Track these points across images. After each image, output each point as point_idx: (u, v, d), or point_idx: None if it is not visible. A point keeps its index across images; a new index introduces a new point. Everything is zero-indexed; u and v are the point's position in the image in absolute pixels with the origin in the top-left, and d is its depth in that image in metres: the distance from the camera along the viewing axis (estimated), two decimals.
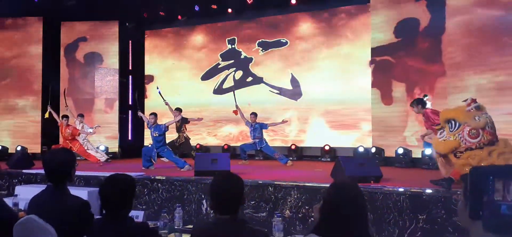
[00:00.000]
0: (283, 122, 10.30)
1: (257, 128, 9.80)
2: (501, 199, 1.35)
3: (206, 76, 13.30)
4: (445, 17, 8.95)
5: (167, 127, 8.67)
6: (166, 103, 9.97)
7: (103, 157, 10.17)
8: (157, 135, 8.45)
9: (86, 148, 9.99)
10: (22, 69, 12.88)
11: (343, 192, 2.10)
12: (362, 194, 2.14)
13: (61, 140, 10.03)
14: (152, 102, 13.22)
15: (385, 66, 10.16)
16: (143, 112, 10.57)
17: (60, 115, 10.41)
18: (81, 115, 10.60)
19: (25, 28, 12.94)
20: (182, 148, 9.88)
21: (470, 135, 5.18)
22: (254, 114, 10.01)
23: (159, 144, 8.44)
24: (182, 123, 9.91)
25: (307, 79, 11.95)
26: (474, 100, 5.44)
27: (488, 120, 5.27)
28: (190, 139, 10.32)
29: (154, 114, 8.65)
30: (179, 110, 9.63)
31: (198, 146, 12.02)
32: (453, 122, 5.34)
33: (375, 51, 10.34)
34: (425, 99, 7.03)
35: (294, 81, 12.15)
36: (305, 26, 12.09)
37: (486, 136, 5.14)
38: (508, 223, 1.41)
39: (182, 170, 7.88)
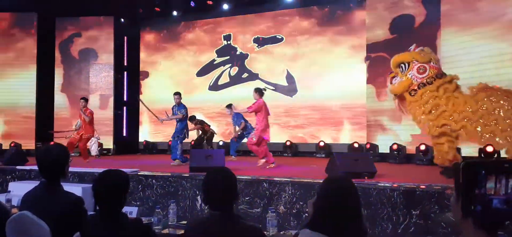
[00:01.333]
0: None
1: (234, 119, 9.55)
2: (493, 193, 1.36)
3: (202, 73, 13.28)
4: (440, 12, 8.98)
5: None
6: (150, 110, 9.75)
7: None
8: (181, 116, 8.49)
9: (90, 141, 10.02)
10: (16, 65, 12.80)
11: (337, 187, 2.11)
12: (356, 189, 2.14)
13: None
14: (146, 97, 13.17)
15: (380, 63, 10.17)
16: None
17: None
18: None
19: (19, 24, 12.85)
20: (208, 142, 9.98)
21: (419, 71, 5.89)
22: (228, 106, 9.45)
23: (180, 129, 8.53)
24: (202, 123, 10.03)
25: (302, 76, 11.96)
26: (418, 46, 6.25)
27: (432, 55, 6.06)
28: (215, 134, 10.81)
29: (179, 94, 8.71)
30: (193, 119, 9.70)
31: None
32: (403, 65, 6.04)
33: (370, 48, 10.36)
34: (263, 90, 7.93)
35: (289, 77, 12.15)
36: (301, 22, 12.09)
37: (432, 70, 5.85)
38: (499, 217, 1.42)
39: (172, 162, 8.14)
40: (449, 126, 5.72)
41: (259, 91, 7.86)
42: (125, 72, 14.01)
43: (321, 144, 11.04)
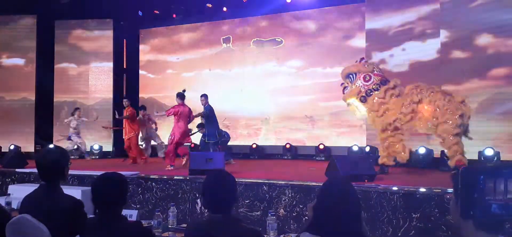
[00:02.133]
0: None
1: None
2: (492, 198, 1.36)
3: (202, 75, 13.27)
4: (439, 17, 8.99)
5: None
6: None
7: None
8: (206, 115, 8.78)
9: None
10: (16, 68, 12.82)
11: (337, 190, 2.11)
12: (356, 192, 2.14)
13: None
14: (145, 100, 13.17)
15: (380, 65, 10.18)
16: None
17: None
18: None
19: (19, 27, 12.86)
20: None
21: (364, 79, 6.75)
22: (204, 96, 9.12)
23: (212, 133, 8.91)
24: None
25: (301, 78, 11.96)
26: (363, 58, 7.19)
27: (374, 65, 7.16)
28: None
29: (205, 96, 8.98)
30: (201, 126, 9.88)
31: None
32: (351, 75, 6.93)
33: (370, 50, 10.38)
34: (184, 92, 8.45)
35: (288, 80, 12.16)
36: (300, 25, 12.09)
37: (376, 77, 6.74)
38: (498, 221, 1.42)
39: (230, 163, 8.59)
40: (399, 128, 6.60)
41: (180, 96, 8.31)
42: (125, 75, 14.01)
43: (321, 146, 11.04)
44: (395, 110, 6.52)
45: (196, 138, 10.42)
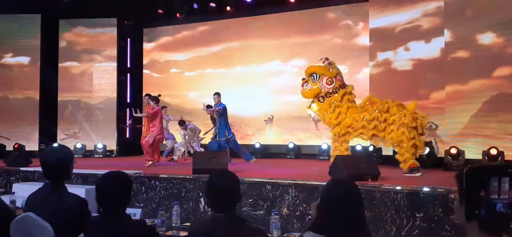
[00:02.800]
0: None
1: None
2: (497, 197, 1.36)
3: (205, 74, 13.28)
4: (444, 15, 8.97)
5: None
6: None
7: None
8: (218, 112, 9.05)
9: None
10: (20, 67, 12.87)
11: (340, 190, 2.11)
12: (359, 191, 2.14)
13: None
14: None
15: (384, 65, 10.17)
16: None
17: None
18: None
19: (23, 26, 12.90)
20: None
21: (327, 82, 7.30)
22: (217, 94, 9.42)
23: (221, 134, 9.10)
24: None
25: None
26: (327, 59, 7.59)
27: (338, 70, 7.51)
28: None
29: (218, 94, 9.31)
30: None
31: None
32: (314, 75, 7.40)
33: (373, 49, 10.36)
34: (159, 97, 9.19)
35: (292, 78, 12.14)
36: (303, 23, 12.05)
37: (338, 82, 7.32)
38: (503, 221, 1.42)
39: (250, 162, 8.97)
40: (350, 132, 7.22)
41: (155, 99, 9.06)
42: (128, 74, 14.04)
43: (324, 146, 11.01)
44: (350, 117, 7.15)
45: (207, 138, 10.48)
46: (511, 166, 1.37)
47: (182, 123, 10.26)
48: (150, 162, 8.85)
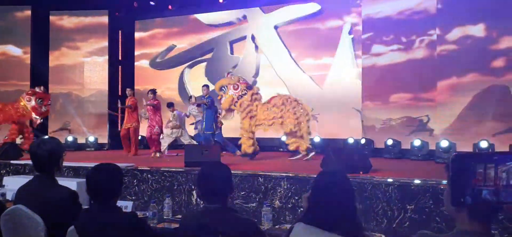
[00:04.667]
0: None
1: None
2: (482, 184, 1.37)
3: (194, 65, 13.22)
4: (438, 17, 8.99)
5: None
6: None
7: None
8: (207, 104, 8.97)
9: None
10: (11, 59, 12.74)
11: (331, 181, 2.12)
12: (350, 183, 2.15)
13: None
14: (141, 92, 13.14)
15: (376, 59, 10.20)
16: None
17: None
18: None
19: (14, 18, 12.77)
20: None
21: (234, 88, 8.40)
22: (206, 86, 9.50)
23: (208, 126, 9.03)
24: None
25: (297, 71, 11.94)
26: (229, 72, 9.09)
27: (238, 77, 8.74)
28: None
29: (207, 86, 9.42)
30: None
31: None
32: (223, 87, 8.49)
33: (365, 44, 10.38)
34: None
35: (283, 70, 12.15)
36: (295, 15, 12.02)
37: (243, 85, 8.44)
38: (490, 208, 1.43)
39: (235, 154, 8.90)
40: (260, 126, 8.36)
41: (154, 92, 9.61)
42: (120, 67, 13.94)
43: (317, 139, 11.03)
44: (259, 115, 8.28)
45: (191, 130, 10.42)
46: (497, 153, 1.38)
47: (170, 105, 10.11)
48: (159, 154, 9.25)
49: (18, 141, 9.86)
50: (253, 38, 12.52)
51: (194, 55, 13.22)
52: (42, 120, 10.42)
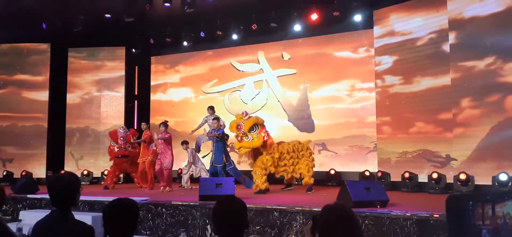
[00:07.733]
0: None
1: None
2: (481, 223, 1.35)
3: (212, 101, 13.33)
4: (448, 34, 8.98)
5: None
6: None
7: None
8: (218, 136, 9.05)
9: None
10: (29, 94, 13.02)
11: (336, 216, 2.09)
12: (355, 217, 2.12)
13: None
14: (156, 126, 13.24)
15: (390, 88, 10.17)
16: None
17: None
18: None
19: (33, 54, 13.12)
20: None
21: (262, 127, 8.66)
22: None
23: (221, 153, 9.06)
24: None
25: (312, 105, 11.94)
26: (246, 112, 8.91)
27: (256, 117, 8.88)
28: None
29: (217, 118, 9.59)
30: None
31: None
32: (255, 126, 8.56)
33: (380, 74, 10.38)
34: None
35: (299, 105, 12.16)
36: (310, 52, 12.12)
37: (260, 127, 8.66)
38: None
39: (252, 188, 8.62)
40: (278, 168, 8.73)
41: (166, 124, 9.56)
42: (136, 101, 14.13)
43: (332, 172, 10.93)
44: (272, 154, 8.66)
45: (206, 161, 10.45)
46: (489, 193, 1.37)
47: (184, 143, 10.41)
48: (169, 188, 9.24)
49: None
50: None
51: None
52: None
